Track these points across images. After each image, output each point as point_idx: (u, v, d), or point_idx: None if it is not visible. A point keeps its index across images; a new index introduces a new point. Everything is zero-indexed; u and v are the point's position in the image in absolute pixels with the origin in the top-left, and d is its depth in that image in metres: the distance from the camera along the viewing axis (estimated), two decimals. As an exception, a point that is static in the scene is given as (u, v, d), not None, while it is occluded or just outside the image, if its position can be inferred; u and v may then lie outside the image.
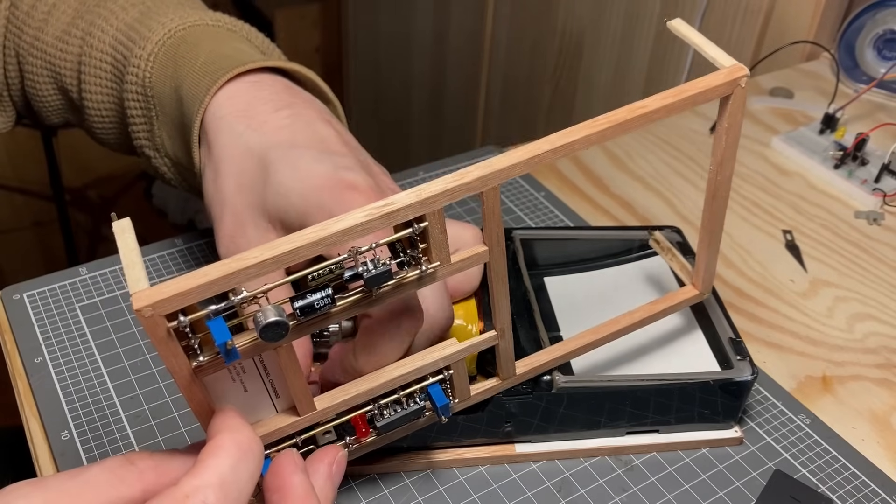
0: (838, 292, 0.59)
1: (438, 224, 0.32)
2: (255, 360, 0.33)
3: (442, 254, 0.33)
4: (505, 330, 0.39)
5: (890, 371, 0.53)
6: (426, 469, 0.44)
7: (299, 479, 0.31)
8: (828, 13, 0.85)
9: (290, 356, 0.33)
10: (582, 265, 0.53)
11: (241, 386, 0.33)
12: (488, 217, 0.34)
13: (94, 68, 0.48)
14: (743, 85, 0.37)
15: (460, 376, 0.39)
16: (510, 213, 0.63)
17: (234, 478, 0.29)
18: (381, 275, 0.31)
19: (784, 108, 0.80)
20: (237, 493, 0.28)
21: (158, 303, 0.27)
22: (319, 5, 1.90)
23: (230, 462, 0.29)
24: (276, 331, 0.29)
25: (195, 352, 0.30)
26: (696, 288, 0.46)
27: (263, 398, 0.35)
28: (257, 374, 0.33)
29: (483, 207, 0.33)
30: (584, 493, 0.44)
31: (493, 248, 0.35)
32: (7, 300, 0.53)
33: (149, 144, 0.48)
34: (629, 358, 0.47)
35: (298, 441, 0.37)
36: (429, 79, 1.59)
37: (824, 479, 0.45)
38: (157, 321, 0.28)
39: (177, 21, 0.46)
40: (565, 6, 1.18)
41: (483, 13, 1.36)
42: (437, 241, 0.33)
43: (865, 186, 0.68)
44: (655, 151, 0.73)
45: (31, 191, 1.78)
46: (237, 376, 0.33)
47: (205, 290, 0.28)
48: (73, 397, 0.47)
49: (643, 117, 0.35)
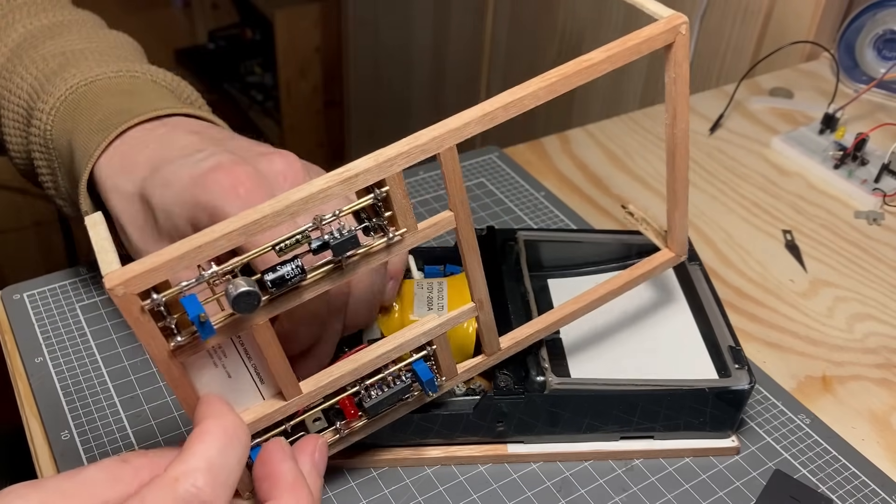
0: (838, 292, 0.59)
1: (399, 189, 0.32)
2: (236, 344, 0.33)
3: (408, 220, 0.33)
4: (483, 301, 0.38)
5: (890, 371, 0.53)
6: (421, 466, 0.44)
7: (288, 466, 0.32)
8: (828, 13, 0.85)
9: (268, 335, 0.33)
10: (586, 268, 0.53)
11: (225, 372, 0.34)
12: (449, 180, 0.34)
13: (13, 112, 0.50)
14: (683, 32, 0.37)
15: (444, 352, 0.39)
16: (510, 213, 0.63)
17: (222, 462, 0.29)
18: (348, 241, 0.32)
19: (784, 109, 0.80)
20: (225, 476, 0.29)
21: (130, 280, 0.28)
22: (319, 5, 1.90)
23: (217, 446, 0.29)
24: (247, 301, 0.30)
25: (172, 332, 0.30)
26: (671, 251, 0.46)
27: (248, 385, 0.35)
28: (239, 358, 0.34)
29: (442, 170, 0.33)
30: (584, 492, 0.44)
31: (457, 213, 0.35)
32: (7, 300, 0.53)
33: (55, 193, 0.49)
34: (627, 363, 0.47)
35: (287, 427, 0.37)
36: (429, 79, 1.59)
37: (824, 479, 0.45)
38: (131, 300, 0.28)
39: (79, 77, 0.47)
40: (565, 6, 1.18)
41: (483, 13, 1.36)
42: (401, 207, 0.33)
43: (865, 186, 0.68)
44: (655, 151, 0.73)
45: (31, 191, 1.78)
46: (219, 361, 0.33)
47: (174, 265, 0.28)
48: (73, 397, 0.47)
49: (589, 69, 0.35)
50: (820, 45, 0.83)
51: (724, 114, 0.76)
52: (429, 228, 0.35)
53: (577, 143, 0.73)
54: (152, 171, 0.41)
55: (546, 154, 0.72)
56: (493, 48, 1.38)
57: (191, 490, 0.28)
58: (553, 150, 0.72)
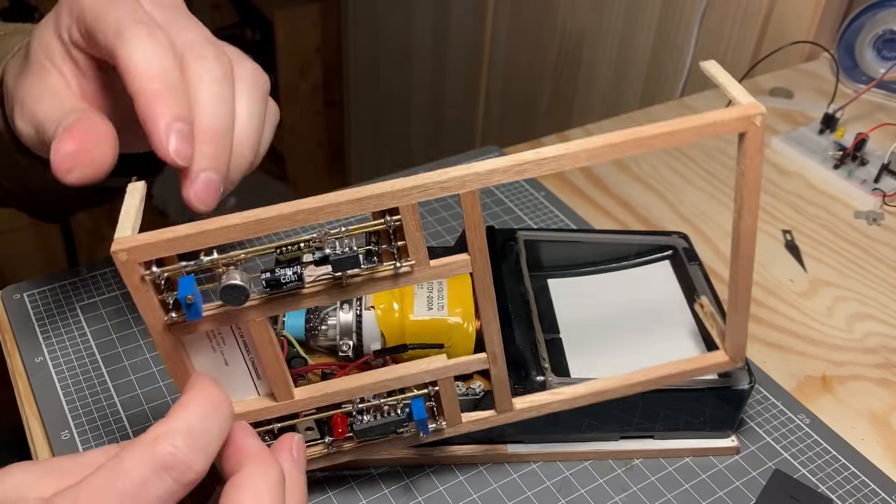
0: (838, 292, 0.59)
1: (412, 220, 0.32)
2: (236, 335, 0.34)
3: (419, 254, 0.33)
4: (497, 355, 0.37)
5: (889, 371, 0.53)
6: (421, 465, 0.44)
7: (253, 441, 0.32)
8: (827, 13, 0.85)
9: (264, 335, 0.33)
10: (586, 268, 0.53)
11: (222, 359, 0.34)
12: (469, 225, 0.33)
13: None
14: (758, 123, 0.33)
15: (449, 397, 0.39)
16: (510, 212, 0.63)
17: (203, 427, 0.29)
18: (347, 259, 0.32)
19: (784, 109, 0.80)
20: (205, 442, 0.29)
21: (133, 248, 0.29)
22: (319, 5, 1.90)
23: (199, 413, 0.30)
24: (233, 294, 0.31)
25: (170, 308, 0.31)
26: (726, 354, 0.42)
27: (244, 377, 0.35)
28: (237, 349, 0.34)
29: (463, 212, 0.33)
30: (584, 492, 0.44)
31: (475, 257, 0.34)
32: (7, 300, 0.53)
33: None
34: (627, 362, 0.47)
35: (275, 428, 0.37)
36: (429, 79, 1.59)
37: (824, 479, 0.45)
38: (132, 267, 0.30)
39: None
40: (565, 6, 1.18)
41: (483, 13, 1.36)
42: (414, 239, 0.33)
43: (865, 186, 0.68)
44: (655, 151, 0.73)
45: (31, 191, 1.78)
46: (218, 346, 0.34)
47: (178, 244, 0.30)
48: (73, 397, 0.47)
49: (641, 141, 0.32)
50: (820, 46, 0.83)
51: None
52: (441, 267, 0.34)
53: (577, 143, 0.73)
54: None
55: (546, 154, 0.72)
56: (493, 48, 1.38)
57: (169, 449, 0.28)
58: (553, 150, 0.72)
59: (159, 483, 0.27)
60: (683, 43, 0.99)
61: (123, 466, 0.27)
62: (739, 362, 0.42)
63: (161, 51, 0.34)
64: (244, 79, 0.37)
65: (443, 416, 0.39)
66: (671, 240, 0.53)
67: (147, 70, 0.33)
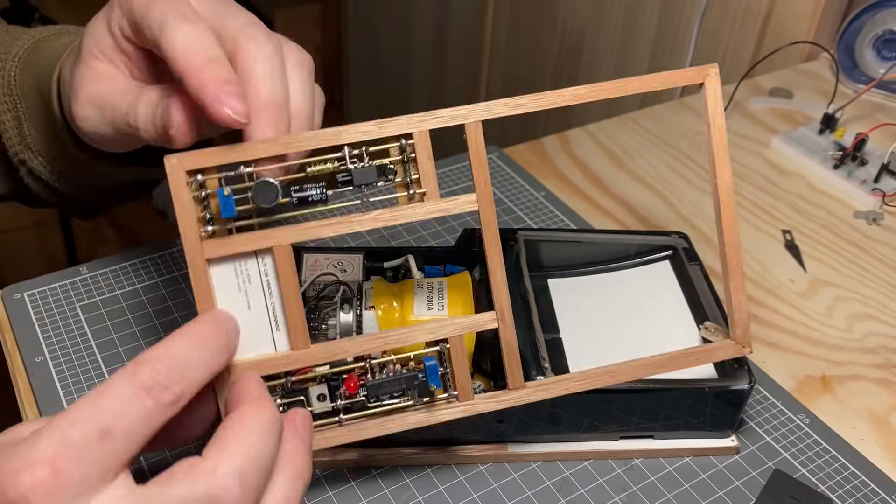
0: (838, 292, 0.59)
1: (425, 148, 0.37)
2: (261, 272, 0.36)
3: (430, 183, 0.37)
4: (504, 313, 0.38)
5: (889, 371, 0.53)
6: (421, 465, 0.45)
7: (254, 386, 0.34)
8: (827, 14, 0.85)
9: (286, 260, 0.36)
10: (586, 268, 0.53)
11: (246, 300, 0.36)
12: (472, 154, 0.37)
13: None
14: (713, 75, 0.41)
15: (459, 360, 0.38)
16: (510, 212, 0.63)
17: (185, 356, 0.31)
18: (367, 171, 0.36)
19: (783, 109, 0.80)
20: (186, 370, 0.31)
21: (183, 157, 0.34)
22: (319, 5, 1.90)
23: (184, 343, 0.31)
24: (265, 191, 0.35)
25: (206, 222, 0.35)
26: (735, 341, 0.42)
27: (264, 325, 0.37)
28: (262, 292, 0.36)
29: (467, 146, 0.37)
30: (583, 492, 0.44)
31: (481, 193, 0.37)
32: (7, 300, 0.53)
33: (21, 148, 0.52)
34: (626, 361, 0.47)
35: (288, 382, 0.37)
36: (428, 79, 1.59)
37: (824, 479, 0.45)
38: (179, 172, 0.34)
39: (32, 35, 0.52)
40: (565, 6, 1.18)
41: (483, 13, 1.36)
42: (425, 168, 0.37)
43: (865, 186, 0.68)
44: (655, 151, 0.73)
45: (31, 191, 1.78)
46: (243, 284, 0.36)
47: (221, 156, 0.35)
48: (73, 396, 0.47)
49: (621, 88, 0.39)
50: (819, 46, 0.83)
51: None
52: (449, 202, 0.37)
53: (577, 143, 0.73)
54: None
55: (546, 154, 0.72)
56: (493, 48, 1.38)
57: (149, 372, 0.30)
58: (553, 150, 0.72)
59: (139, 402, 0.29)
60: (683, 43, 0.99)
61: (106, 389, 0.29)
62: (748, 347, 0.42)
63: (200, 33, 0.36)
64: (292, 59, 0.39)
65: (454, 384, 0.39)
66: (671, 240, 0.54)
67: (188, 49, 0.36)
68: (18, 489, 0.27)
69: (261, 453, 0.31)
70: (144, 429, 0.29)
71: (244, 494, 0.30)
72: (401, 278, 0.50)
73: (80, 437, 0.28)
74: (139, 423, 0.29)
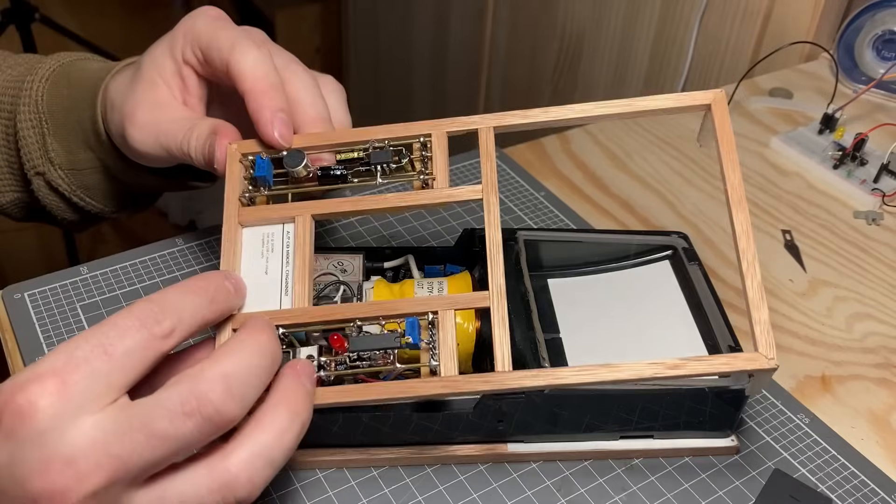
0: (837, 292, 0.59)
1: (441, 146, 0.43)
2: (284, 245, 0.41)
3: (441, 174, 0.42)
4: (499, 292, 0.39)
5: (889, 371, 0.53)
6: (421, 465, 0.45)
7: (259, 318, 0.37)
8: (827, 14, 0.85)
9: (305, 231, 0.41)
10: (586, 268, 0.54)
11: (265, 266, 0.41)
12: (482, 153, 0.42)
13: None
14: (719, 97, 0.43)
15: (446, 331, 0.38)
16: (510, 212, 0.63)
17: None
18: (384, 152, 0.42)
19: (783, 109, 0.80)
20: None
21: (240, 143, 0.44)
22: (319, 5, 1.91)
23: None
24: (295, 155, 0.42)
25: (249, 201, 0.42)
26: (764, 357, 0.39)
27: (275, 289, 0.41)
28: (280, 259, 0.41)
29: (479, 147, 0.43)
30: (583, 492, 0.44)
31: (487, 187, 0.42)
32: (8, 300, 0.53)
33: (41, 161, 0.55)
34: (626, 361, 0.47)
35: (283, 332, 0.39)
36: (429, 79, 1.59)
37: (823, 479, 0.45)
38: (235, 154, 0.43)
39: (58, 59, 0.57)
40: (565, 6, 1.18)
41: (483, 13, 1.36)
42: (440, 161, 0.42)
43: (864, 186, 0.68)
44: (655, 151, 0.73)
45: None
46: (266, 252, 0.41)
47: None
48: (73, 397, 0.47)
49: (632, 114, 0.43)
50: (819, 46, 0.83)
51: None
52: (457, 190, 0.42)
53: (577, 143, 0.73)
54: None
55: (546, 154, 0.72)
56: (492, 48, 1.38)
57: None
58: (553, 150, 0.72)
59: (136, 330, 0.32)
60: (683, 43, 1.00)
61: (106, 320, 0.32)
62: (771, 359, 0.39)
63: (266, 59, 0.44)
64: (327, 86, 0.48)
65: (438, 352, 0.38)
66: (671, 240, 0.54)
67: (255, 73, 0.43)
68: (28, 396, 0.30)
69: (250, 365, 0.33)
70: (142, 355, 0.32)
71: (227, 396, 0.32)
72: (401, 278, 0.50)
73: (84, 355, 0.31)
74: (137, 348, 0.32)
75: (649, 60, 1.06)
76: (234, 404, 0.32)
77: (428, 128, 0.43)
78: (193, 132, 0.45)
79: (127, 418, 0.31)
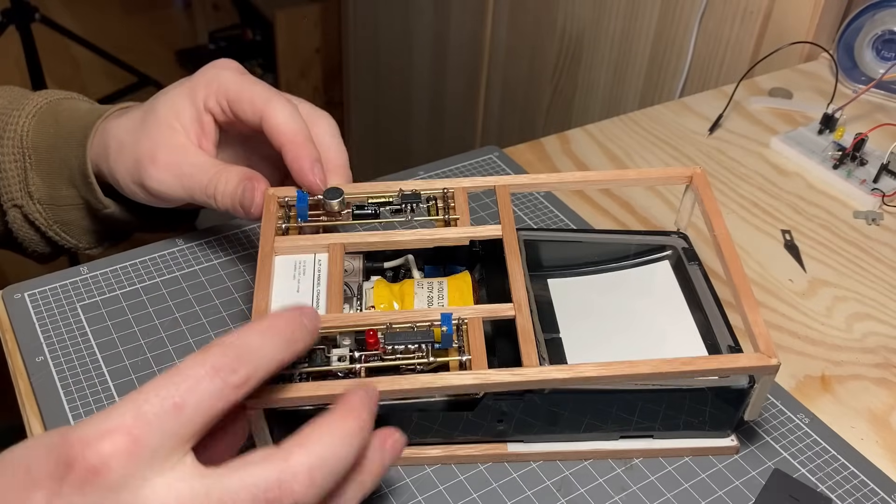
0: (837, 292, 0.59)
1: (462, 196, 0.49)
2: (315, 270, 0.45)
3: (464, 216, 0.48)
4: (521, 304, 0.43)
5: (889, 370, 0.53)
6: (421, 465, 0.45)
7: (356, 395, 0.35)
8: (826, 14, 0.85)
9: (337, 255, 0.45)
10: (586, 268, 0.54)
11: (297, 286, 0.45)
12: (500, 204, 0.49)
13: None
14: (699, 172, 0.51)
15: (476, 337, 0.41)
16: (510, 213, 0.63)
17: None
18: (412, 195, 0.48)
19: (783, 109, 0.80)
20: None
21: (277, 189, 0.49)
22: (319, 5, 1.91)
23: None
24: (334, 192, 0.47)
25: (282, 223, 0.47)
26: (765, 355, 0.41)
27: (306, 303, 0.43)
28: (312, 280, 0.45)
29: (497, 200, 0.49)
30: (583, 492, 0.44)
31: (506, 228, 0.47)
32: (8, 299, 0.53)
33: (21, 195, 0.57)
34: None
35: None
36: (429, 79, 1.59)
37: (823, 479, 0.45)
38: (272, 198, 0.48)
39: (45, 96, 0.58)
40: (565, 7, 1.18)
41: (483, 14, 1.36)
42: (461, 206, 0.49)
43: (864, 186, 0.68)
44: (655, 151, 0.73)
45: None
46: (298, 274, 0.45)
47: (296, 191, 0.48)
48: (73, 396, 0.47)
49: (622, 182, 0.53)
50: (819, 46, 0.84)
51: (723, 114, 0.77)
52: (478, 228, 0.48)
53: (577, 143, 0.73)
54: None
55: (546, 154, 0.72)
56: (493, 48, 1.38)
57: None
58: (553, 150, 0.72)
59: (209, 380, 0.30)
60: (683, 43, 1.00)
61: (178, 368, 0.31)
62: (774, 357, 0.41)
63: (296, 114, 0.49)
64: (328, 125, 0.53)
65: (469, 353, 0.41)
66: (671, 240, 0.54)
67: (290, 126, 0.48)
68: (101, 455, 0.28)
69: (337, 457, 0.32)
70: (214, 406, 0.31)
71: (310, 491, 0.31)
72: (401, 278, 0.50)
73: (154, 409, 0.29)
74: (209, 400, 0.30)
75: (649, 60, 1.06)
76: (314, 493, 0.31)
77: (451, 183, 0.50)
78: (221, 178, 0.49)
79: (206, 490, 0.30)
